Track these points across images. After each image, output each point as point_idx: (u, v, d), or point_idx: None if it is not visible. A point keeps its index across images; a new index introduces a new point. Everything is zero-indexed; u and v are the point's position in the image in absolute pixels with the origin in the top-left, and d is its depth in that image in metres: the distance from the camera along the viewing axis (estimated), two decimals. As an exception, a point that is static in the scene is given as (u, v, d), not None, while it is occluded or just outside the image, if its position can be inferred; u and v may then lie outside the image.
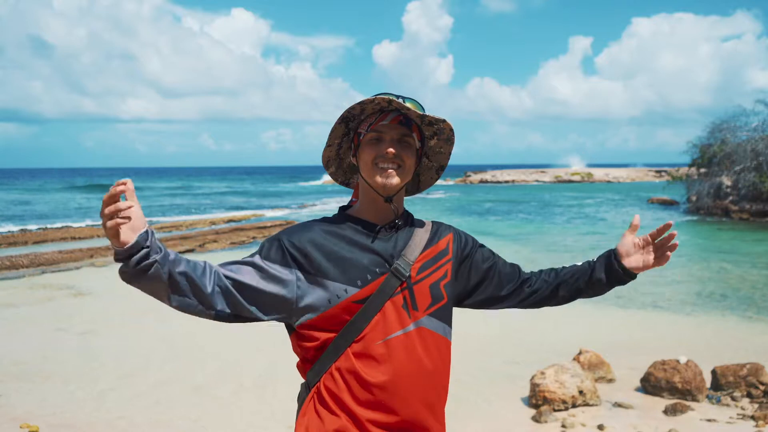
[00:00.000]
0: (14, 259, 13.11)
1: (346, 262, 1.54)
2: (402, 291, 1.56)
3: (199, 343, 7.11)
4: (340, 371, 1.53)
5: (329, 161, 1.69)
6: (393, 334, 1.53)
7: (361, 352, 1.52)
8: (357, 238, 1.58)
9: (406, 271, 1.56)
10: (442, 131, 1.64)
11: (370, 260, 1.56)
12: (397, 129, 1.57)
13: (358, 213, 1.64)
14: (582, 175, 70.52)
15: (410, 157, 1.59)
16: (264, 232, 19.64)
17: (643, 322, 8.45)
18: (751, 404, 5.25)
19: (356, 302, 1.53)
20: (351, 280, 1.53)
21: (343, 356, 1.53)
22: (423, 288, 1.59)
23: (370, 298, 1.53)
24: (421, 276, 1.59)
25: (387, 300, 1.54)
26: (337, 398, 1.53)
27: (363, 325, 1.53)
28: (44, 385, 5.71)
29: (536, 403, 5.18)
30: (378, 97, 1.53)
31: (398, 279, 1.55)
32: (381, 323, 1.53)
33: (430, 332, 1.58)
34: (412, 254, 1.59)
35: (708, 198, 27.15)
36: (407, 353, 1.54)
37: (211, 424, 4.86)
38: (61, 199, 42.32)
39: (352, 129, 1.64)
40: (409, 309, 1.56)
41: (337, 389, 1.53)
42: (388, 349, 1.52)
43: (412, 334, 1.55)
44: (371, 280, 1.54)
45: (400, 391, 1.52)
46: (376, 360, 1.52)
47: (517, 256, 14.83)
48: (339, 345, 1.54)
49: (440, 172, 1.76)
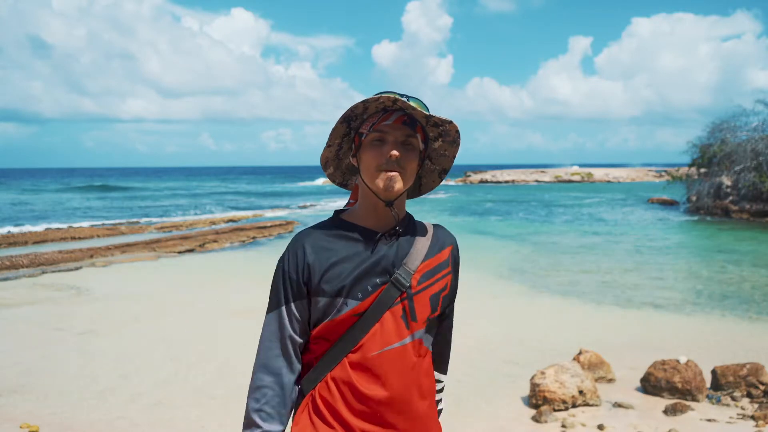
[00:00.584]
0: (14, 259, 13.11)
1: (346, 276, 1.49)
2: (401, 301, 1.52)
3: (198, 343, 7.10)
4: (336, 381, 1.50)
5: (328, 162, 1.64)
6: (390, 345, 1.50)
7: (358, 363, 1.49)
8: (357, 249, 1.53)
9: (406, 281, 1.52)
10: (448, 133, 1.58)
11: (370, 272, 1.51)
12: (401, 129, 1.51)
13: (357, 218, 1.58)
14: (582, 175, 70.52)
15: (413, 161, 1.53)
16: (264, 232, 19.64)
17: (643, 322, 8.45)
18: (751, 404, 5.25)
19: (356, 314, 1.50)
20: (351, 293, 1.49)
21: (339, 366, 1.50)
22: (423, 299, 1.54)
23: (370, 309, 1.50)
24: (421, 286, 1.55)
25: (386, 310, 1.50)
26: (332, 408, 1.50)
27: (361, 336, 1.49)
28: (44, 385, 5.71)
29: (536, 403, 5.18)
30: (382, 96, 1.47)
31: (398, 289, 1.51)
32: (379, 333, 1.50)
33: (421, 343, 1.56)
34: (413, 263, 1.54)
35: (708, 198, 27.15)
36: (403, 366, 1.51)
37: (211, 424, 4.86)
38: (61, 199, 42.32)
39: (353, 129, 1.58)
40: (408, 320, 1.52)
41: (332, 399, 1.50)
42: (384, 361, 1.49)
43: (409, 347, 1.52)
44: (372, 292, 1.50)
45: (396, 403, 1.50)
46: (373, 372, 1.49)
47: (517, 255, 14.84)
48: (336, 354, 1.51)
49: (443, 176, 1.69)
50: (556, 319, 8.64)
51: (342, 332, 1.51)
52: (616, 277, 11.99)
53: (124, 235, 19.54)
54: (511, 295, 10.27)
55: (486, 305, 9.28)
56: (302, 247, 1.54)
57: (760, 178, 24.79)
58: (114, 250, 15.17)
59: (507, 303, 9.66)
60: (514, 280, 11.79)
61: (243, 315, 8.27)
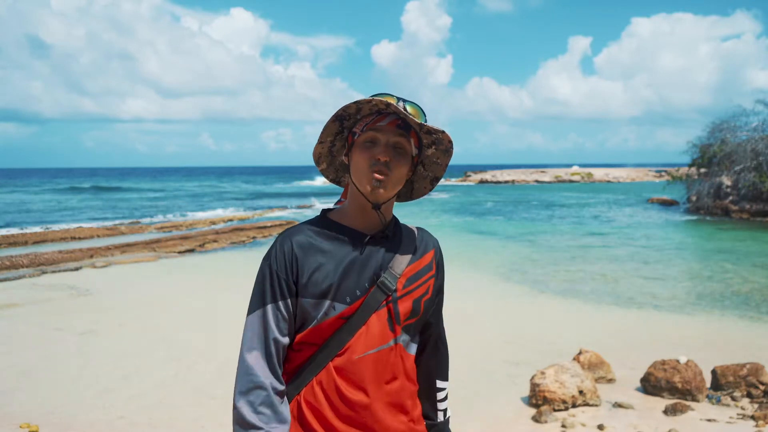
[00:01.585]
0: (14, 259, 13.11)
1: (334, 279, 1.48)
2: (387, 304, 1.52)
3: (198, 343, 7.11)
4: (321, 386, 1.49)
5: (321, 157, 1.63)
6: (375, 348, 1.49)
7: (343, 367, 1.48)
8: (345, 251, 1.52)
9: (392, 284, 1.51)
10: (441, 142, 1.56)
11: (358, 275, 1.50)
12: (394, 133, 1.49)
13: (345, 219, 1.57)
14: (582, 175, 70.52)
15: (403, 165, 1.51)
16: (264, 232, 19.64)
17: (643, 322, 8.45)
18: (751, 404, 5.25)
19: (343, 318, 1.49)
20: (340, 297, 1.48)
21: (325, 370, 1.49)
22: (407, 303, 1.54)
23: (357, 312, 1.49)
24: (406, 290, 1.54)
25: (372, 313, 1.50)
26: (318, 413, 1.49)
27: (347, 339, 1.49)
28: (44, 385, 5.71)
29: (536, 403, 5.18)
30: (376, 99, 1.46)
31: (384, 293, 1.51)
32: (364, 336, 1.49)
33: (403, 347, 1.56)
34: (399, 267, 1.54)
35: (708, 198, 27.15)
36: (388, 369, 1.51)
37: (211, 424, 4.86)
38: (60, 199, 42.31)
39: (346, 128, 1.57)
40: (393, 323, 1.52)
41: (319, 404, 1.48)
42: (370, 364, 1.49)
43: (393, 350, 1.52)
44: (360, 295, 1.50)
45: (381, 407, 1.50)
46: (358, 376, 1.48)
47: (517, 255, 14.83)
48: (321, 359, 1.49)
49: (434, 183, 1.67)
50: (556, 319, 8.64)
51: (328, 336, 1.50)
52: (616, 277, 11.99)
53: (124, 235, 19.54)
54: (511, 295, 10.27)
55: (486, 305, 9.28)
56: (290, 245, 1.52)
57: (760, 178, 24.79)
58: (114, 250, 15.17)
59: (507, 303, 9.66)
60: (514, 280, 11.79)
61: (243, 315, 8.26)
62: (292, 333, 1.52)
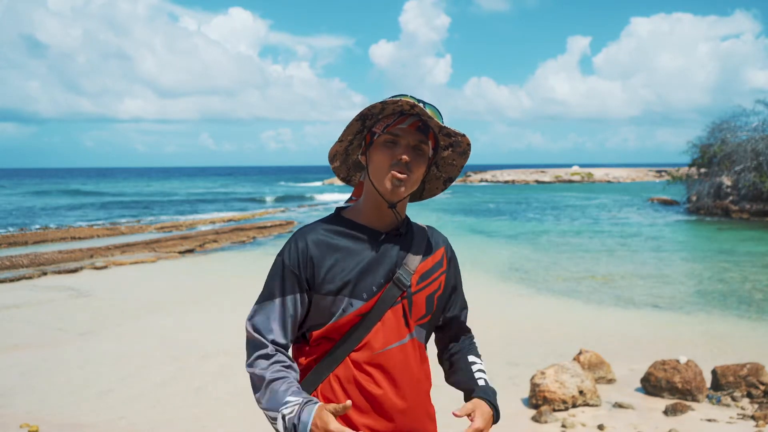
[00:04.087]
0: (14, 259, 13.11)
1: (351, 276, 1.52)
2: (402, 300, 1.55)
3: (199, 343, 7.10)
4: (340, 380, 1.52)
5: (336, 155, 1.65)
6: (391, 344, 1.53)
7: (361, 362, 1.52)
8: (361, 249, 1.55)
9: (407, 280, 1.55)
10: (459, 144, 1.61)
11: (374, 272, 1.54)
12: (415, 135, 1.53)
13: (359, 217, 1.60)
14: (582, 175, 70.51)
15: (421, 166, 1.55)
16: (264, 232, 19.65)
17: (643, 322, 8.45)
18: (751, 404, 5.25)
19: (360, 314, 1.53)
20: (356, 294, 1.52)
21: (342, 365, 1.52)
22: (420, 298, 1.58)
23: (373, 308, 1.53)
24: (420, 286, 1.59)
25: (388, 309, 1.54)
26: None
27: (364, 334, 1.52)
28: (44, 385, 5.71)
29: (536, 403, 5.18)
30: (402, 99, 1.49)
31: (399, 289, 1.55)
32: (381, 332, 1.53)
33: (419, 343, 1.60)
34: (413, 263, 1.58)
35: (708, 198, 27.15)
36: (404, 364, 1.55)
37: (211, 424, 4.86)
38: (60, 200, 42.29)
39: (366, 127, 1.60)
40: (408, 319, 1.56)
41: (336, 398, 1.51)
42: (386, 359, 1.52)
43: (408, 345, 1.56)
44: (376, 292, 1.53)
45: (400, 400, 1.53)
46: (376, 370, 1.52)
47: (517, 255, 14.83)
48: (339, 354, 1.52)
49: (447, 184, 1.72)
50: (556, 319, 8.63)
51: (345, 331, 1.53)
52: (616, 277, 11.99)
53: (124, 235, 19.54)
54: (511, 295, 10.27)
55: (486, 305, 9.27)
56: (305, 242, 1.55)
57: (760, 178, 24.79)
58: (114, 250, 15.17)
59: (507, 303, 9.66)
60: (514, 279, 11.79)
61: (243, 315, 8.26)
62: (294, 331, 1.56)
